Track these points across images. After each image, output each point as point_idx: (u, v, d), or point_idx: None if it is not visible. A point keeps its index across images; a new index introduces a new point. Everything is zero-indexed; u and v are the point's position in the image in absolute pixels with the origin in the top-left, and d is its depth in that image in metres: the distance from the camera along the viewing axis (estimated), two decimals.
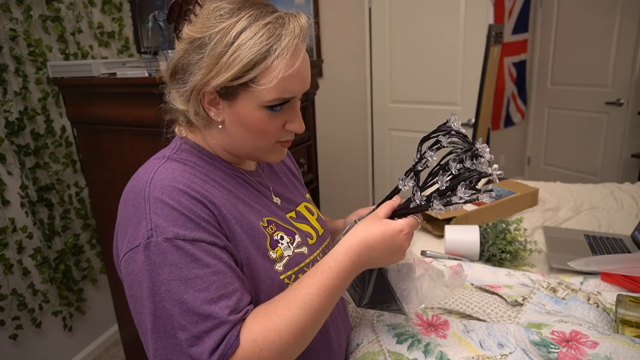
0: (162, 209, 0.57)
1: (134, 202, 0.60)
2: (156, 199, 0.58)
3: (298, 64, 0.61)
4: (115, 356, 2.14)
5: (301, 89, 0.64)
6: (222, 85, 0.61)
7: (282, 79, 0.60)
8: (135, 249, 0.57)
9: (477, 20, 2.69)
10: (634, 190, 1.67)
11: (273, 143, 0.68)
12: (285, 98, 0.62)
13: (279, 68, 0.59)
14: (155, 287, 0.55)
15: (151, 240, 0.56)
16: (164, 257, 0.56)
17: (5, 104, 1.65)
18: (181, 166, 0.64)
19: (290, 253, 0.70)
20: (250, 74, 0.59)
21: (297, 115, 0.67)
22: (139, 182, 0.62)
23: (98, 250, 2.11)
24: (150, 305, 0.56)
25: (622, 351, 0.68)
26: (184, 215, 0.58)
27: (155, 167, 0.63)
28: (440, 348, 0.76)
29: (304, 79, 0.64)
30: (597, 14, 3.06)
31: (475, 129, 2.37)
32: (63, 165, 1.92)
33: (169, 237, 0.56)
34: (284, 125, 0.67)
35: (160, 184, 0.60)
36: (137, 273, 0.57)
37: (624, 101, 3.00)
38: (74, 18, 1.92)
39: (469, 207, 1.38)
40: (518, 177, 3.33)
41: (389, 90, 3.20)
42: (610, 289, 0.96)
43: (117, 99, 1.41)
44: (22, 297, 1.74)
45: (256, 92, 0.61)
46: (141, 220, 0.57)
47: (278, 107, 0.63)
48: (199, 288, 0.56)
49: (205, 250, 0.58)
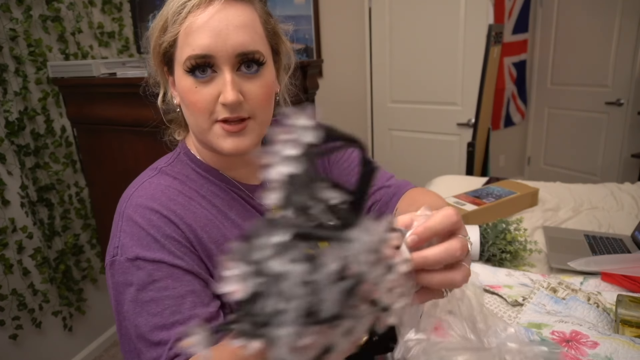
0: (131, 228, 0.57)
1: (115, 215, 0.61)
2: (128, 217, 0.58)
3: (207, 15, 0.55)
4: (115, 356, 2.14)
5: (218, 46, 0.55)
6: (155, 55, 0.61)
7: (188, 32, 0.56)
8: (106, 264, 0.58)
9: (477, 20, 2.69)
10: (634, 190, 1.67)
11: (211, 122, 0.59)
12: (196, 56, 0.56)
13: (188, 19, 0.56)
14: (119, 306, 0.56)
15: (115, 259, 0.56)
16: (125, 277, 0.55)
17: (5, 104, 1.65)
18: (169, 181, 0.63)
19: None
20: (166, 35, 0.58)
21: (225, 83, 0.56)
22: (125, 194, 0.62)
23: (98, 250, 2.11)
24: (118, 320, 0.57)
25: (622, 351, 0.68)
26: (150, 235, 0.56)
27: (142, 181, 0.62)
28: None
29: (219, 34, 0.55)
30: (597, 14, 3.06)
31: (475, 129, 2.37)
32: (63, 165, 1.92)
33: (130, 258, 0.55)
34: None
35: (136, 201, 0.59)
36: (109, 288, 0.59)
37: (624, 101, 3.00)
38: (74, 18, 1.92)
39: (469, 207, 1.38)
40: (518, 177, 3.32)
41: (389, 90, 3.20)
42: (611, 289, 0.96)
43: (117, 99, 1.41)
44: (22, 297, 1.74)
45: (177, 55, 0.59)
46: (114, 237, 0.58)
47: (205, 71, 0.57)
48: (153, 312, 0.54)
49: (166, 272, 0.55)
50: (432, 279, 0.37)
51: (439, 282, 0.38)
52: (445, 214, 0.37)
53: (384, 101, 3.25)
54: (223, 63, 0.57)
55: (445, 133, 3.03)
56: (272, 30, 0.63)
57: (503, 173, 3.74)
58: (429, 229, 0.36)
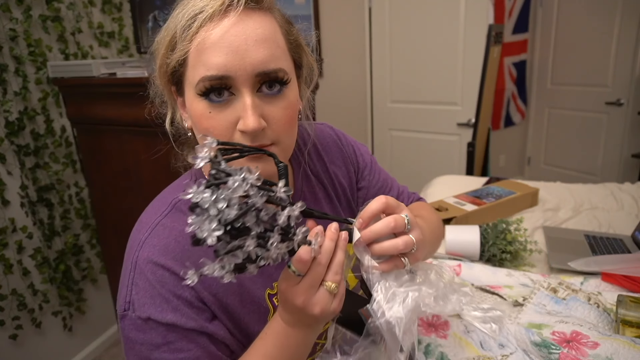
0: (143, 283, 0.54)
1: (126, 258, 0.57)
2: (140, 270, 0.54)
3: (222, 30, 0.48)
4: (115, 356, 2.14)
5: (235, 65, 0.48)
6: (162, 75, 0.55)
7: (201, 50, 0.49)
8: (118, 313, 0.56)
9: (477, 20, 2.69)
10: (634, 190, 1.67)
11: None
12: (210, 76, 0.49)
13: (196, 38, 0.49)
14: (128, 358, 0.55)
15: (127, 314, 0.54)
16: (137, 334, 0.53)
17: (5, 104, 1.65)
18: (182, 222, 0.56)
19: None
20: (174, 53, 0.51)
21: (245, 108, 0.50)
22: (135, 235, 0.58)
23: (98, 250, 2.11)
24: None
25: (622, 352, 0.68)
26: (162, 295, 0.53)
27: (155, 222, 0.57)
28: (440, 348, 0.76)
29: (236, 51, 0.48)
30: (597, 14, 3.06)
31: (475, 129, 2.37)
32: (63, 165, 1.91)
33: (142, 317, 0.53)
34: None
35: (148, 253, 0.55)
36: (121, 334, 0.57)
37: (624, 101, 3.00)
38: (74, 18, 1.92)
39: (469, 207, 1.38)
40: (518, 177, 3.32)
41: (389, 90, 3.20)
42: (611, 289, 0.96)
43: (117, 99, 1.41)
44: (22, 297, 1.74)
45: (188, 75, 0.51)
46: (124, 286, 0.55)
47: (221, 94, 0.50)
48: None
49: (180, 334, 0.53)
50: (382, 247, 0.51)
51: (388, 248, 0.51)
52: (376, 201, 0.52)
53: (384, 101, 3.25)
54: (242, 84, 0.49)
55: (445, 133, 3.03)
56: (294, 41, 0.56)
57: (503, 173, 3.74)
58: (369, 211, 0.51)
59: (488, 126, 2.71)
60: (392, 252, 0.52)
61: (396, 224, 0.51)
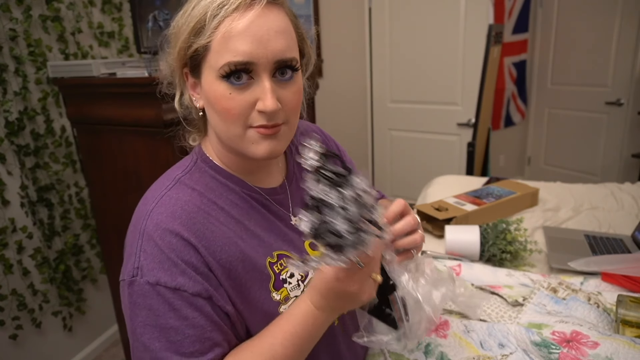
0: (152, 249, 0.56)
1: (132, 231, 0.59)
2: (149, 236, 0.56)
3: (248, 20, 0.54)
4: (115, 356, 2.14)
5: (259, 53, 0.54)
6: (181, 57, 0.58)
7: (228, 37, 0.54)
8: (123, 282, 0.57)
9: (477, 20, 2.70)
10: (634, 190, 1.67)
11: (245, 128, 0.58)
12: (236, 62, 0.54)
13: (222, 26, 0.54)
14: (134, 326, 0.56)
15: (135, 280, 0.55)
16: (144, 300, 0.55)
17: (5, 104, 1.65)
18: (187, 194, 0.60)
19: (299, 293, 0.65)
20: (199, 38, 0.55)
21: (265, 91, 0.56)
22: (142, 209, 0.60)
23: (98, 250, 2.11)
24: (131, 338, 0.57)
25: (622, 352, 0.68)
26: (171, 259, 0.55)
27: (161, 194, 0.60)
28: (440, 348, 0.76)
29: (261, 40, 0.54)
30: (597, 14, 3.06)
31: (475, 129, 2.37)
32: (63, 165, 1.92)
33: (150, 282, 0.54)
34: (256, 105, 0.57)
35: (157, 219, 0.57)
36: (124, 304, 0.58)
37: (624, 101, 3.00)
38: (74, 18, 1.92)
39: (469, 207, 1.38)
40: (518, 177, 3.33)
41: (389, 90, 3.20)
42: (611, 289, 0.96)
43: (117, 99, 1.41)
44: (22, 297, 1.74)
45: (210, 59, 0.56)
46: (132, 255, 0.57)
47: (239, 78, 0.55)
48: (173, 340, 0.54)
49: (186, 300, 0.55)
50: (404, 242, 0.63)
51: (408, 243, 0.63)
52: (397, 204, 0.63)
53: (384, 101, 3.25)
54: (262, 70, 0.56)
55: (445, 133, 3.03)
56: (300, 33, 0.62)
57: (503, 173, 3.74)
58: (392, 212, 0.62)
59: (488, 126, 2.71)
60: (411, 247, 0.64)
61: (414, 224, 0.63)
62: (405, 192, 3.32)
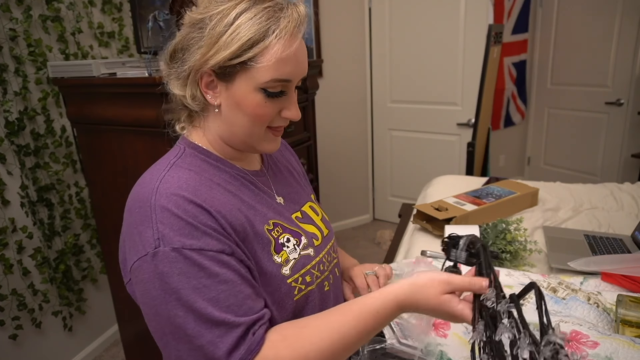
0: (169, 218, 0.58)
1: (140, 210, 0.60)
2: (162, 207, 0.58)
3: (295, 47, 0.63)
4: (115, 356, 2.14)
5: (297, 74, 0.65)
6: (221, 64, 0.62)
7: (279, 59, 0.62)
8: (143, 258, 0.58)
9: (477, 20, 2.70)
10: (634, 190, 1.67)
11: (265, 129, 0.68)
12: (281, 79, 0.63)
13: (276, 48, 0.61)
14: (167, 296, 0.56)
15: (158, 250, 0.57)
16: (172, 267, 0.56)
17: (5, 104, 1.65)
18: (186, 173, 0.64)
19: (297, 256, 0.70)
20: (249, 53, 0.61)
21: (293, 102, 0.67)
22: (144, 189, 0.62)
23: (98, 250, 2.11)
24: (164, 312, 0.57)
25: (622, 351, 0.68)
26: (190, 224, 0.58)
27: (162, 175, 0.63)
28: (440, 348, 0.76)
29: (300, 63, 0.65)
30: (597, 14, 3.06)
31: (475, 129, 2.37)
32: (63, 165, 1.92)
33: (176, 247, 0.57)
34: (280, 112, 0.67)
35: (166, 192, 0.60)
36: (147, 281, 0.58)
37: (624, 101, 3.00)
38: (74, 18, 1.92)
39: (469, 207, 1.38)
40: (518, 177, 3.33)
41: (389, 90, 3.20)
42: (611, 289, 0.96)
43: (117, 99, 1.41)
44: (22, 297, 1.74)
45: (253, 72, 0.62)
46: (147, 229, 0.58)
47: (274, 92, 0.64)
48: (208, 297, 0.56)
49: (212, 258, 0.58)
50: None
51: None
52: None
53: (384, 101, 3.25)
54: (293, 86, 0.67)
55: (445, 133, 3.03)
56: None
57: (503, 173, 3.74)
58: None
59: (488, 126, 2.71)
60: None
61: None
62: (405, 192, 3.32)
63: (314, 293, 0.71)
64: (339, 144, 3.26)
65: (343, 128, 3.27)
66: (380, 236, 3.17)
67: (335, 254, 0.83)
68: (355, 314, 0.61)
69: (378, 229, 3.31)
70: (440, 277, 0.61)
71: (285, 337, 0.60)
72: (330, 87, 3.06)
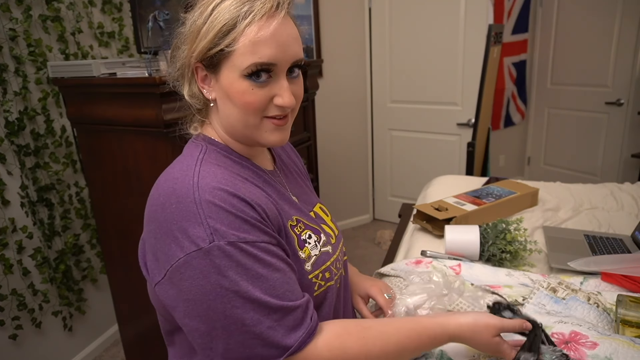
0: (217, 213, 0.58)
1: (179, 205, 0.59)
2: (208, 202, 0.58)
3: (273, 28, 0.61)
4: (115, 356, 2.14)
5: (281, 56, 0.62)
6: (203, 55, 0.63)
7: (255, 42, 0.60)
8: (192, 254, 0.57)
9: (477, 20, 2.70)
10: (634, 190, 1.67)
11: (261, 118, 0.66)
12: (261, 63, 0.61)
13: (250, 30, 0.60)
14: (223, 289, 0.57)
15: (214, 245, 0.56)
16: (229, 260, 0.57)
17: (5, 104, 1.65)
18: (217, 168, 0.64)
19: (317, 252, 0.72)
20: (226, 40, 0.61)
21: (284, 88, 0.64)
22: (180, 184, 0.60)
23: (98, 250, 2.11)
24: (219, 306, 0.57)
25: (622, 351, 0.68)
26: (239, 217, 0.59)
27: (196, 170, 0.62)
28: (440, 347, 0.76)
29: (282, 45, 0.62)
30: (597, 14, 3.06)
31: (475, 129, 2.37)
32: (63, 165, 1.92)
33: (231, 241, 0.57)
34: (273, 100, 0.65)
35: (208, 187, 0.59)
36: (200, 277, 0.57)
37: (624, 101, 3.00)
38: (74, 18, 1.92)
39: (469, 207, 1.38)
40: (518, 177, 3.33)
41: (389, 90, 3.20)
42: (611, 289, 0.96)
43: (117, 99, 1.41)
44: (22, 297, 1.74)
45: (234, 58, 0.62)
46: (195, 225, 0.57)
47: (259, 76, 0.62)
48: (266, 286, 0.58)
49: (264, 249, 0.60)
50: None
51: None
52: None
53: (384, 101, 3.25)
54: (281, 70, 0.64)
55: (445, 133, 3.03)
56: (301, 37, 0.70)
57: (503, 173, 3.74)
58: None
59: (488, 126, 2.71)
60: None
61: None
62: (405, 192, 3.33)
63: (332, 289, 0.73)
64: (339, 144, 3.26)
65: (343, 128, 3.27)
66: (380, 236, 3.17)
67: (344, 255, 0.85)
68: (417, 334, 0.65)
69: (378, 229, 3.31)
70: (494, 322, 0.67)
71: (350, 332, 0.63)
72: (330, 87, 3.06)
